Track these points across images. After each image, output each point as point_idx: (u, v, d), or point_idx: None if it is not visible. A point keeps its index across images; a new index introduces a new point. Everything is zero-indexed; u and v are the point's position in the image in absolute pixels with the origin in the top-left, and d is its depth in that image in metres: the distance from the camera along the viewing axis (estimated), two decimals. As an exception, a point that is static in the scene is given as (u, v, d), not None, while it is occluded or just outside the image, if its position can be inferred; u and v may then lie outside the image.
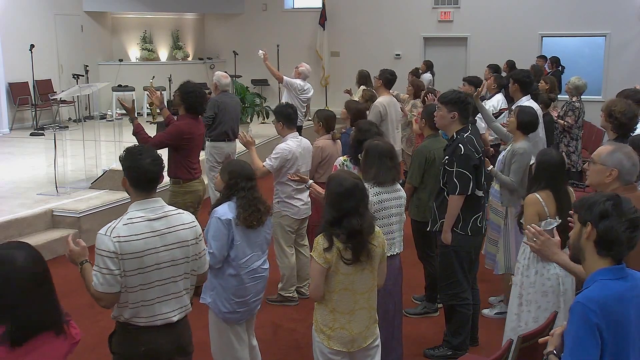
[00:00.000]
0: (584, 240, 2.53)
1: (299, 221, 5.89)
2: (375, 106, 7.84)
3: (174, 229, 3.17)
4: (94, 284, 3.06)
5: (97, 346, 5.20)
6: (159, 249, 3.10)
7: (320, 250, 3.37)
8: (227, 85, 7.87)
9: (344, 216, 3.36)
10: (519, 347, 3.31)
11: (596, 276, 2.49)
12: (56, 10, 13.90)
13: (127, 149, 3.26)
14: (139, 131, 5.72)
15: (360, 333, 3.51)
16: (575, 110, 8.39)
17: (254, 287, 4.10)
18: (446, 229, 4.69)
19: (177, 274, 3.18)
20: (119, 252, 3.00)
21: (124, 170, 3.19)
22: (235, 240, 3.96)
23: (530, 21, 14.47)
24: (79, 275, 3.25)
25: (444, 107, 4.72)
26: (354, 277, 3.43)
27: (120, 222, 3.08)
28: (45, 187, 8.15)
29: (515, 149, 5.27)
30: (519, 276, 4.28)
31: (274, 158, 5.54)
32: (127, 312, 3.13)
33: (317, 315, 3.53)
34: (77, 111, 13.27)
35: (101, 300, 3.10)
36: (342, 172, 3.74)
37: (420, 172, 5.44)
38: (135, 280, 3.06)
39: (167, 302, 3.17)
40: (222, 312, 4.03)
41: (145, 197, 3.16)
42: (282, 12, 16.71)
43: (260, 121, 12.59)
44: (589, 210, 2.50)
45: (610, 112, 4.71)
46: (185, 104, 5.81)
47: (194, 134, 5.80)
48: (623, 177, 3.46)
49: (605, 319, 2.38)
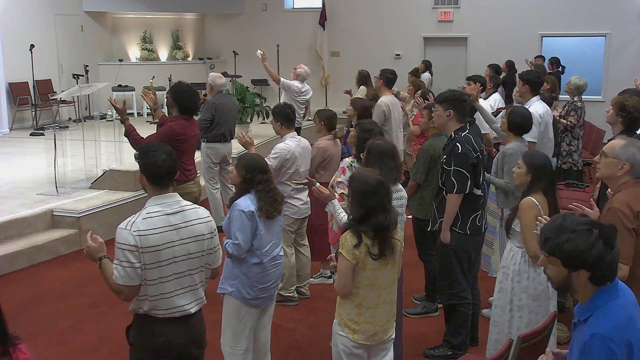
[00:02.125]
0: (577, 282, 2.37)
1: (298, 221, 5.90)
2: (379, 106, 7.83)
3: (190, 224, 3.27)
4: (114, 276, 3.13)
5: (98, 346, 5.21)
6: (175, 242, 3.20)
7: (349, 247, 3.43)
8: (223, 85, 7.87)
9: (370, 213, 3.44)
10: (519, 347, 3.31)
11: (598, 301, 2.38)
12: (56, 10, 13.90)
13: (141, 147, 3.39)
14: (131, 132, 5.68)
15: (382, 326, 3.60)
16: (577, 110, 8.41)
17: (274, 273, 4.29)
18: (445, 228, 4.70)
19: (193, 267, 3.29)
20: (140, 245, 3.10)
21: (140, 167, 3.30)
22: (259, 230, 4.11)
23: (530, 21, 14.48)
24: (78, 276, 3.27)
25: (439, 106, 4.78)
26: (379, 272, 3.51)
27: (140, 216, 3.18)
28: (45, 187, 8.16)
29: (505, 149, 5.27)
30: (509, 282, 4.17)
31: (272, 158, 5.54)
32: (146, 304, 3.21)
33: (341, 310, 3.59)
34: (77, 111, 13.27)
35: (121, 292, 3.17)
36: (364, 170, 3.79)
37: (425, 170, 5.45)
38: (155, 274, 3.16)
39: (184, 294, 3.27)
40: (246, 299, 4.15)
41: (162, 192, 3.27)
42: (282, 12, 16.72)
43: (260, 121, 12.60)
44: (581, 260, 2.31)
45: (624, 105, 4.69)
46: (178, 105, 5.78)
47: (187, 135, 5.76)
48: (635, 171, 3.49)
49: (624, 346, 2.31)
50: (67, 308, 5.92)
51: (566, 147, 8.47)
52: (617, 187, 3.52)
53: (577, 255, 2.31)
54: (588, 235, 2.30)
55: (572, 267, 2.33)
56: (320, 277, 6.48)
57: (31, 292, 6.07)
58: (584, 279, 2.35)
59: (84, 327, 5.54)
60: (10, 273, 6.53)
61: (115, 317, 5.66)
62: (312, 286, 6.24)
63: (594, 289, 2.38)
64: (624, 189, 3.48)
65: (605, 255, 2.30)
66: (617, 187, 3.53)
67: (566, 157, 8.52)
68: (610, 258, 2.32)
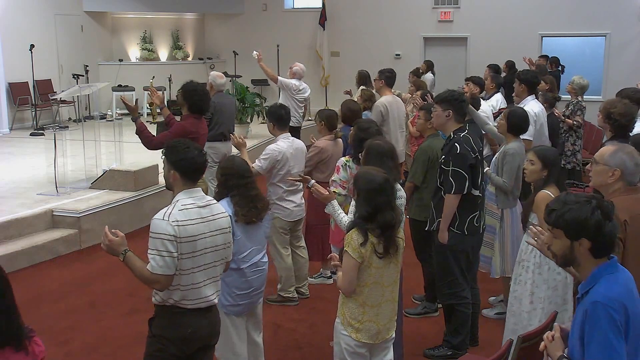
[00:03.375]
0: (579, 253, 2.52)
1: (291, 223, 5.86)
2: (376, 106, 7.83)
3: (217, 217, 3.43)
4: (151, 267, 3.18)
5: (99, 346, 5.21)
6: (206, 234, 3.33)
7: (355, 246, 3.43)
8: (223, 85, 7.89)
9: (377, 211, 3.44)
10: (519, 347, 3.32)
11: (599, 273, 2.50)
12: (56, 10, 13.90)
13: (172, 144, 3.45)
14: (143, 130, 5.74)
15: (385, 325, 3.60)
16: (583, 110, 8.43)
17: (256, 280, 4.21)
18: (442, 228, 4.70)
19: (217, 259, 3.42)
20: (178, 235, 3.20)
21: (172, 164, 3.37)
22: (236, 235, 4.01)
23: (530, 21, 14.47)
24: (78, 276, 3.27)
25: (438, 106, 4.78)
26: (384, 271, 3.51)
27: (175, 208, 3.27)
28: (45, 187, 8.16)
29: (506, 149, 5.28)
30: (529, 274, 4.25)
31: (263, 159, 5.54)
32: (177, 294, 3.28)
33: (344, 309, 3.59)
34: (77, 111, 13.26)
35: (158, 282, 3.22)
36: (369, 168, 3.78)
37: (423, 171, 5.44)
38: (188, 264, 3.26)
39: (209, 285, 3.39)
40: (224, 306, 4.09)
41: (192, 187, 3.39)
42: (282, 12, 16.71)
43: (260, 121, 12.59)
44: (581, 228, 2.48)
45: (609, 113, 4.67)
46: (188, 103, 5.81)
47: (199, 134, 5.79)
48: (626, 177, 3.44)
49: (624, 315, 2.41)
50: (67, 308, 5.91)
51: (570, 146, 8.47)
52: (610, 194, 3.45)
53: (578, 223, 2.47)
54: (587, 206, 2.49)
55: (573, 235, 2.49)
56: (321, 277, 6.48)
57: (31, 292, 6.07)
58: (585, 250, 2.50)
59: (84, 327, 5.54)
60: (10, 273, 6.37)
61: (115, 317, 5.67)
62: (312, 286, 6.24)
63: (595, 263, 2.52)
64: (616, 196, 3.40)
65: (604, 225, 2.46)
66: (609, 195, 3.44)
67: (570, 156, 8.51)
68: (609, 230, 2.48)
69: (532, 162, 4.24)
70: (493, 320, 5.51)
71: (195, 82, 6.05)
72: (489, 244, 5.49)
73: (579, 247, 2.50)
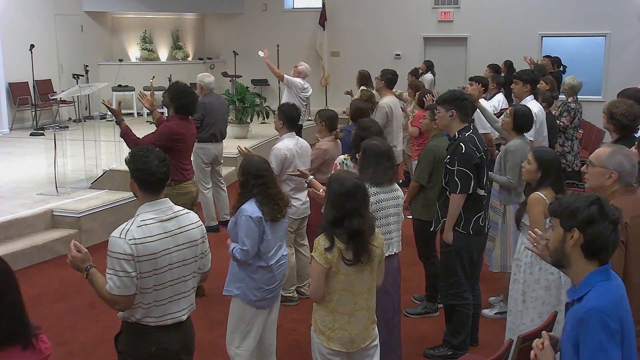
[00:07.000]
0: (570, 247, 2.49)
1: (297, 221, 5.89)
2: (381, 107, 7.81)
3: (184, 229, 3.22)
4: (109, 287, 3.04)
5: (98, 346, 5.21)
6: (172, 249, 3.14)
7: (321, 250, 3.36)
8: (212, 84, 7.89)
9: (345, 216, 3.36)
10: (518, 347, 3.31)
11: (591, 280, 2.46)
12: (56, 10, 13.90)
13: (132, 152, 3.27)
14: (127, 133, 5.64)
15: (359, 334, 3.51)
16: (570, 111, 8.42)
17: (280, 274, 4.32)
18: (448, 228, 4.69)
19: (187, 274, 3.24)
20: (135, 254, 3.01)
21: (131, 173, 3.19)
22: (266, 235, 4.11)
23: (530, 21, 14.48)
24: (78, 276, 3.24)
25: (441, 107, 4.76)
26: (354, 278, 3.42)
27: (133, 224, 3.08)
28: (45, 187, 8.16)
29: (507, 147, 5.32)
30: (521, 274, 4.25)
31: (273, 161, 5.54)
32: (139, 312, 3.14)
33: (316, 316, 3.53)
34: (77, 111, 13.26)
35: (118, 303, 3.08)
36: (343, 172, 3.75)
37: (428, 170, 5.43)
38: (150, 282, 3.09)
39: (177, 301, 3.22)
40: (252, 301, 4.16)
41: (154, 199, 3.18)
42: (282, 12, 16.71)
43: (260, 121, 12.59)
44: (573, 216, 2.46)
45: (612, 114, 4.67)
46: (175, 105, 5.77)
47: (185, 135, 5.76)
48: (623, 179, 3.41)
49: (619, 323, 2.38)
50: (67, 308, 5.92)
51: (559, 148, 8.47)
52: (607, 196, 3.36)
53: (571, 211, 2.47)
54: (587, 199, 2.49)
55: (567, 223, 2.48)
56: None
57: (31, 292, 6.06)
58: (576, 245, 2.46)
59: (84, 327, 5.54)
60: (10, 273, 6.53)
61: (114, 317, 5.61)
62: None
63: (586, 266, 2.48)
64: (614, 198, 3.36)
65: (597, 221, 2.43)
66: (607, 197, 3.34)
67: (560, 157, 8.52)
68: (603, 229, 2.43)
69: (529, 161, 4.26)
70: (493, 320, 5.51)
71: (182, 83, 6.03)
72: (491, 237, 5.50)
73: (571, 239, 2.47)
